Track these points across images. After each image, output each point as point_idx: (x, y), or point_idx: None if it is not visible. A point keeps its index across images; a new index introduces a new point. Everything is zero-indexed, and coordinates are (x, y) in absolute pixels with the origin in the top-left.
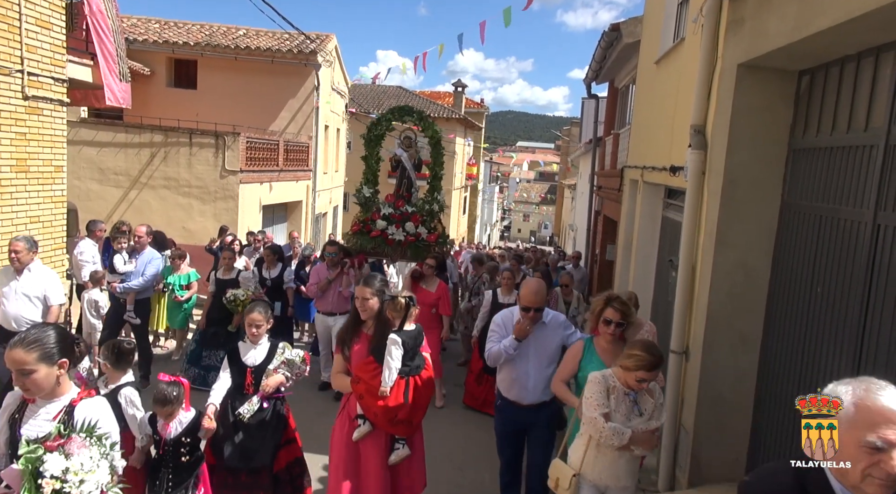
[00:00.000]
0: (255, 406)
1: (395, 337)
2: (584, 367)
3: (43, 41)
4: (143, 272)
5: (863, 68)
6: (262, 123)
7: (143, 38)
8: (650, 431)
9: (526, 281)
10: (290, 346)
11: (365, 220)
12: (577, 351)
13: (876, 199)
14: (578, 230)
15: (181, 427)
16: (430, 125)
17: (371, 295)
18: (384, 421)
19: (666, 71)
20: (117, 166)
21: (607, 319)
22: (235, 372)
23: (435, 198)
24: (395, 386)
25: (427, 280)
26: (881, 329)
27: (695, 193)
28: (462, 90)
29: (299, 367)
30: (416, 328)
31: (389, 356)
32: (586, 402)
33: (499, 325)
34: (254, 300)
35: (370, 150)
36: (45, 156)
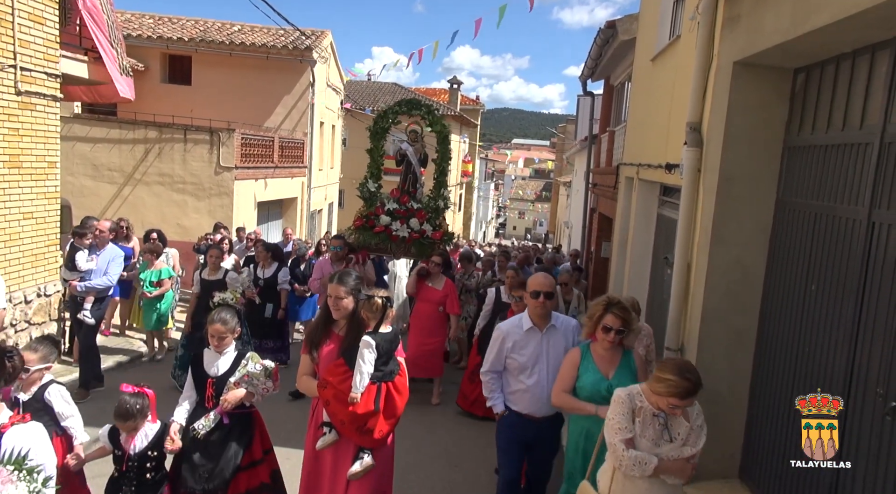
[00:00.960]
0: (211, 421)
1: (368, 339)
2: (581, 376)
3: (36, 36)
4: (106, 271)
5: (858, 66)
6: (257, 120)
7: (136, 33)
8: (684, 460)
9: (535, 275)
10: (259, 357)
11: (368, 215)
12: (575, 359)
13: (871, 197)
14: (574, 227)
15: (147, 441)
16: (438, 119)
17: (345, 293)
18: (351, 430)
19: (662, 68)
20: (111, 162)
21: (607, 326)
22: (197, 383)
23: (441, 194)
24: (365, 391)
25: (434, 277)
26: (875, 326)
27: (690, 190)
28: (458, 87)
29: (264, 383)
30: (391, 330)
31: (361, 359)
32: (607, 425)
33: (499, 344)
34: (224, 305)
35: (375, 143)
36: (39, 152)
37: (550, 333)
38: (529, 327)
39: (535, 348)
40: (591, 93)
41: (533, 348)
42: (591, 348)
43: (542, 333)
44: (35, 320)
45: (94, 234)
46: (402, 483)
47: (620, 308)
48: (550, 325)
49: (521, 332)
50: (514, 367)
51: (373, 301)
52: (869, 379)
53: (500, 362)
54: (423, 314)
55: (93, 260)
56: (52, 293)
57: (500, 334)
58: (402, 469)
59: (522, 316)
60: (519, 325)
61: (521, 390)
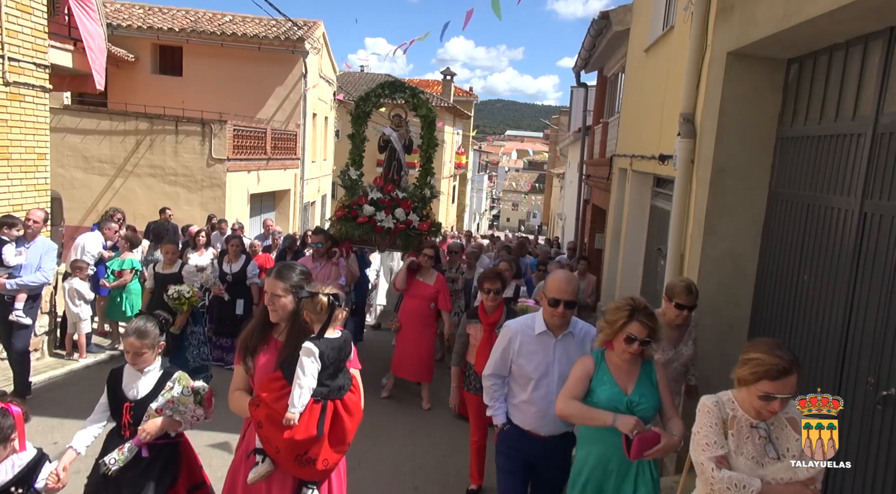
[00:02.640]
0: (126, 455)
1: (309, 346)
2: (594, 390)
3: (24, 26)
4: (39, 266)
5: (851, 57)
6: (249, 111)
7: (126, 23)
8: (800, 484)
9: (553, 272)
10: (188, 378)
11: (351, 205)
12: (587, 369)
13: (863, 188)
14: (567, 219)
15: (12, 473)
16: (424, 103)
17: (284, 291)
18: (288, 459)
19: (655, 59)
20: (102, 154)
21: (631, 336)
22: (113, 406)
23: (427, 182)
24: (305, 412)
25: (424, 272)
26: (867, 316)
27: (683, 182)
28: (451, 78)
29: (193, 411)
30: (341, 336)
31: (301, 371)
32: (693, 441)
33: (505, 344)
34: (150, 314)
35: (357, 128)
36: (28, 144)
37: (566, 341)
38: (542, 331)
39: (545, 356)
40: (584, 84)
41: (543, 355)
42: (607, 357)
43: (555, 340)
44: None
45: (27, 226)
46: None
47: (647, 314)
48: (567, 332)
49: (532, 335)
50: (518, 374)
51: (316, 299)
52: (860, 369)
53: (506, 366)
54: (412, 311)
55: (21, 253)
56: None
57: (507, 333)
58: (389, 477)
59: (536, 316)
60: (530, 326)
61: (525, 402)
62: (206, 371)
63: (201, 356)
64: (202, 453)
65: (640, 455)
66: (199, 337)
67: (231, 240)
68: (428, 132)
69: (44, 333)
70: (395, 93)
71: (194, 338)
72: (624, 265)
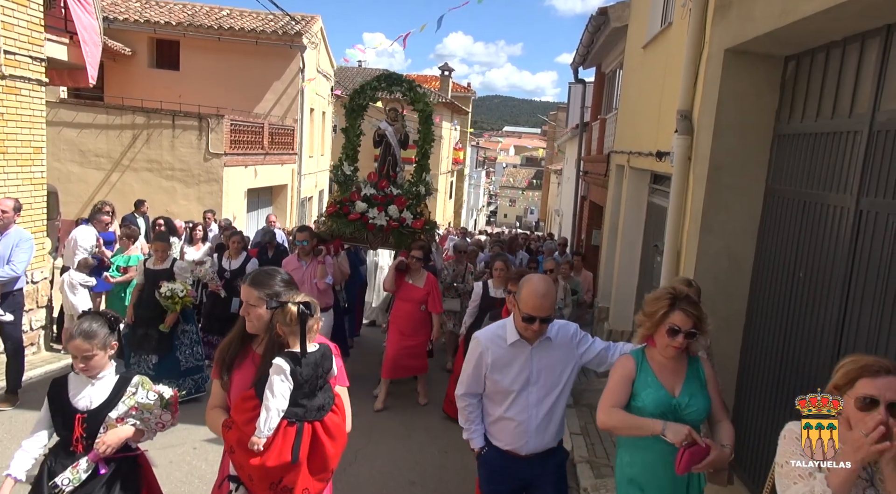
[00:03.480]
0: (82, 472)
1: (279, 364)
2: (638, 393)
3: (20, 18)
4: (10, 259)
5: (848, 54)
6: (247, 106)
7: (123, 17)
8: None
9: (527, 279)
10: (150, 382)
11: (343, 201)
12: (628, 372)
13: (859, 185)
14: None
15: None
16: (421, 97)
17: (259, 300)
18: (262, 488)
19: (653, 56)
20: (98, 148)
21: (674, 328)
22: (59, 420)
23: (422, 179)
24: (279, 435)
25: (414, 273)
26: (862, 313)
27: (681, 178)
28: (449, 74)
29: (158, 416)
30: (318, 349)
31: (269, 391)
32: (779, 473)
33: (475, 360)
34: (97, 313)
35: (351, 122)
36: (24, 137)
37: (543, 348)
38: (515, 340)
39: (521, 367)
40: (582, 80)
41: (519, 367)
42: (649, 356)
43: (531, 347)
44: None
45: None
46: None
47: (690, 303)
48: (544, 338)
49: (505, 346)
50: (494, 391)
51: (285, 309)
52: None
53: (479, 383)
54: (403, 314)
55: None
56: (40, 280)
57: (476, 347)
58: (385, 473)
59: (507, 323)
60: (501, 336)
61: (502, 419)
62: (200, 371)
63: (195, 356)
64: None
65: (689, 469)
66: (192, 337)
67: (232, 237)
68: (425, 127)
69: (40, 327)
70: (392, 86)
71: (186, 338)
72: (621, 261)
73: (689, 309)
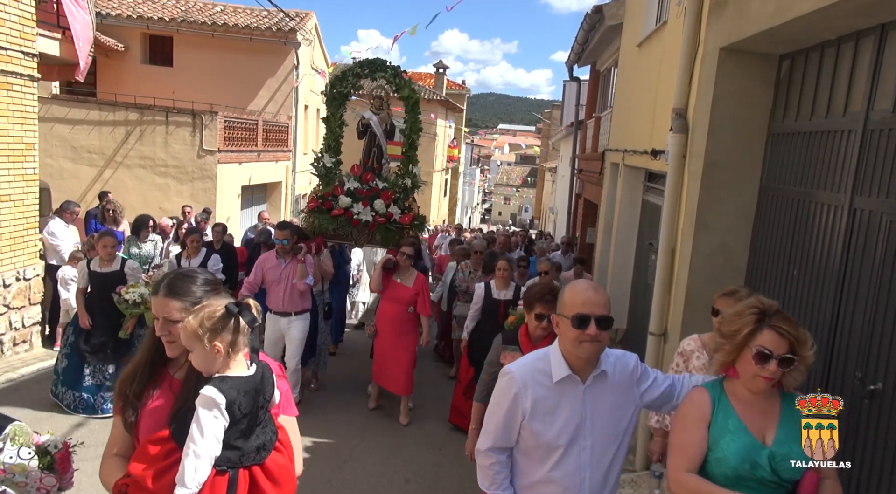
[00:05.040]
0: None
1: (209, 394)
2: (716, 441)
3: (11, 13)
4: None
5: (842, 53)
6: (241, 103)
7: (116, 12)
8: None
9: (574, 284)
10: (29, 433)
11: (325, 196)
12: (702, 411)
13: (853, 184)
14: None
15: None
16: (407, 83)
17: (182, 311)
18: None
19: (648, 54)
20: (91, 144)
21: (764, 352)
22: None
23: (410, 171)
24: (205, 489)
25: (402, 272)
26: (855, 311)
27: (675, 176)
28: (443, 71)
29: (39, 480)
30: (256, 371)
31: (197, 430)
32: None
33: (508, 404)
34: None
35: (332, 111)
36: (16, 133)
37: (599, 386)
38: (564, 376)
39: (571, 412)
40: (577, 78)
41: (568, 413)
42: (728, 390)
43: (584, 386)
44: (14, 304)
45: None
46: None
47: (784, 320)
48: (599, 372)
49: (549, 385)
50: (533, 445)
51: (207, 311)
52: (848, 363)
53: (512, 434)
54: (389, 315)
55: None
56: (32, 277)
57: (509, 386)
58: (380, 469)
59: (548, 353)
60: (542, 372)
61: (544, 483)
62: None
63: None
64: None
65: None
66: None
67: (189, 236)
68: (411, 115)
69: (33, 324)
70: (376, 72)
71: None
72: (615, 259)
73: (783, 328)
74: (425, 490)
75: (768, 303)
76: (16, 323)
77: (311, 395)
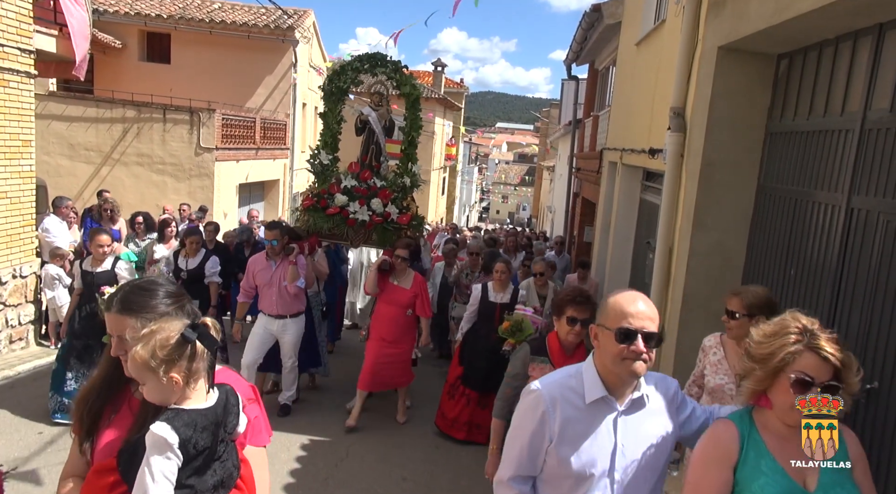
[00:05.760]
0: None
1: (161, 434)
2: (746, 484)
3: (8, 9)
4: None
5: (840, 53)
6: (239, 100)
7: (113, 9)
8: None
9: (621, 293)
10: None
11: (321, 194)
12: (726, 450)
13: (850, 183)
14: (557, 212)
15: None
16: (408, 79)
17: (136, 327)
18: None
19: (646, 53)
20: (88, 141)
21: (805, 378)
22: None
23: (409, 170)
24: None
25: (399, 273)
26: (852, 311)
27: (673, 176)
28: (442, 70)
29: None
30: (219, 398)
31: (148, 473)
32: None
33: (534, 426)
34: None
35: (330, 107)
36: (13, 130)
37: (637, 410)
38: (600, 397)
39: (604, 438)
40: (575, 77)
41: (601, 438)
42: (759, 422)
43: (620, 409)
44: (10, 301)
45: None
46: None
47: (828, 340)
48: (638, 397)
49: (581, 406)
50: (559, 474)
51: (157, 338)
52: None
53: (536, 462)
54: (385, 318)
55: None
56: (28, 274)
57: (535, 404)
58: (376, 467)
59: (581, 371)
60: (574, 390)
61: None
62: None
63: None
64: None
65: None
66: None
67: (189, 236)
68: (412, 112)
69: (28, 322)
70: (376, 67)
71: None
72: (613, 258)
73: (826, 351)
74: (421, 489)
75: (808, 321)
76: (12, 320)
77: (307, 394)
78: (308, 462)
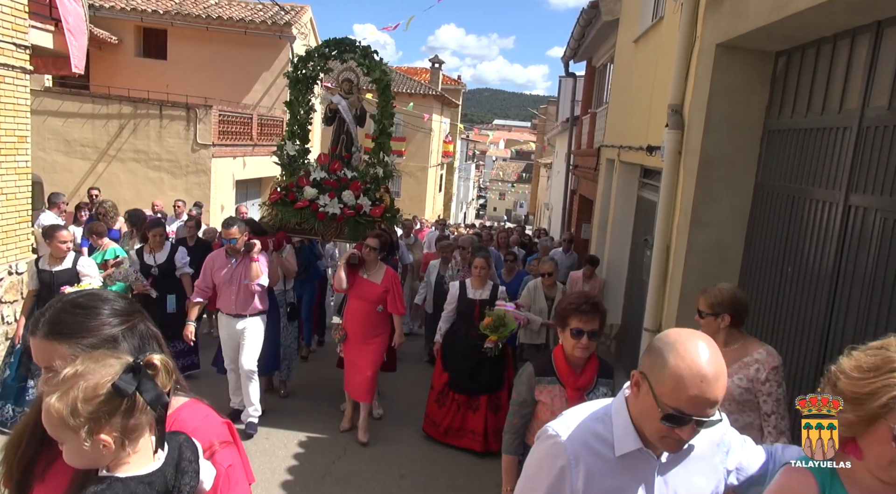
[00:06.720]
0: None
1: None
2: None
3: (3, 4)
4: None
5: (839, 50)
6: (235, 96)
7: (109, 4)
8: None
9: (673, 343)
10: None
11: (289, 187)
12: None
13: (848, 181)
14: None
15: None
16: (378, 64)
17: (68, 356)
18: None
19: (644, 50)
20: (84, 138)
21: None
22: None
23: (381, 159)
24: None
25: (369, 267)
26: (849, 308)
27: (671, 173)
28: (439, 66)
29: None
30: (168, 456)
31: None
32: None
33: (551, 482)
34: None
35: (296, 95)
36: (8, 126)
37: (678, 459)
38: (631, 449)
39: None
40: (573, 74)
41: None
42: (843, 476)
43: (658, 462)
44: (6, 298)
45: None
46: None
47: None
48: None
49: (610, 460)
50: None
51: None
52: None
53: None
54: (355, 315)
55: None
56: (24, 271)
57: (555, 456)
58: (374, 465)
59: (610, 414)
60: (603, 439)
61: None
62: None
63: None
64: None
65: None
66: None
67: (152, 229)
68: (383, 99)
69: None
70: (344, 53)
71: None
72: (610, 255)
73: None
74: (419, 486)
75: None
76: (8, 317)
77: (304, 391)
78: (305, 458)
